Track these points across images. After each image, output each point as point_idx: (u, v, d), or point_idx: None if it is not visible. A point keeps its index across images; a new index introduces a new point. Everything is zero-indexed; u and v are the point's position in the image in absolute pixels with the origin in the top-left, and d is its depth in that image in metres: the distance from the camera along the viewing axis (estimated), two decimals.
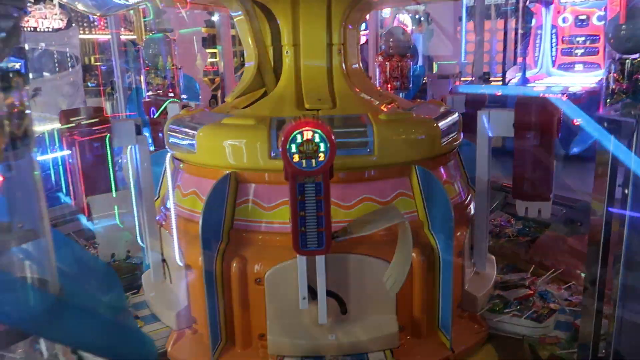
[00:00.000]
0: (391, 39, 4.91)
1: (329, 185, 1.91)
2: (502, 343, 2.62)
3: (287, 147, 1.81)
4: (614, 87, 4.10)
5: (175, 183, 2.83)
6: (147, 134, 2.74)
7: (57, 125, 4.59)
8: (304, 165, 1.83)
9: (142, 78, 5.85)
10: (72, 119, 4.01)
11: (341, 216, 2.34)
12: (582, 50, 10.14)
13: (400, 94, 4.86)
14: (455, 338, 2.46)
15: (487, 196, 2.82)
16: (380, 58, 4.87)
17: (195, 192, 2.64)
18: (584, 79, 9.61)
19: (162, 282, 2.89)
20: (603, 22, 9.88)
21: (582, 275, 2.55)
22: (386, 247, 2.34)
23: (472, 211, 2.87)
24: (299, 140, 1.80)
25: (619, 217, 1.85)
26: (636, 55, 3.98)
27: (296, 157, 1.82)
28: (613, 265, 1.85)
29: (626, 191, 1.69)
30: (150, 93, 5.29)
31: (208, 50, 7.61)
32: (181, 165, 2.80)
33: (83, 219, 3.68)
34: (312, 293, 2.29)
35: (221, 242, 2.41)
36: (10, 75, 1.06)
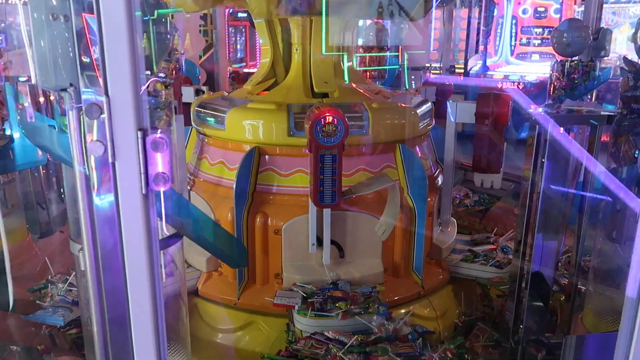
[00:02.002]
0: (371, 33, 5.55)
1: (342, 156, 2.58)
2: (461, 283, 3.41)
3: (315, 127, 2.46)
4: (555, 83, 4.95)
5: (202, 154, 3.43)
6: None
7: None
8: (325, 141, 2.50)
9: None
10: None
11: (343, 182, 3.02)
12: (539, 41, 10.83)
13: (378, 83, 5.54)
14: (424, 279, 3.21)
15: (452, 171, 3.56)
16: (361, 50, 5.51)
17: (222, 162, 3.25)
18: (539, 69, 10.33)
19: None
20: (559, 15, 10.67)
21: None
22: (375, 205, 3.03)
23: (440, 182, 3.61)
24: (322, 122, 2.46)
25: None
26: (575, 58, 4.84)
27: (320, 135, 2.49)
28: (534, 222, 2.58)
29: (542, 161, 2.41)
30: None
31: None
32: (207, 140, 3.40)
33: None
34: (319, 241, 2.99)
35: (247, 200, 3.05)
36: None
